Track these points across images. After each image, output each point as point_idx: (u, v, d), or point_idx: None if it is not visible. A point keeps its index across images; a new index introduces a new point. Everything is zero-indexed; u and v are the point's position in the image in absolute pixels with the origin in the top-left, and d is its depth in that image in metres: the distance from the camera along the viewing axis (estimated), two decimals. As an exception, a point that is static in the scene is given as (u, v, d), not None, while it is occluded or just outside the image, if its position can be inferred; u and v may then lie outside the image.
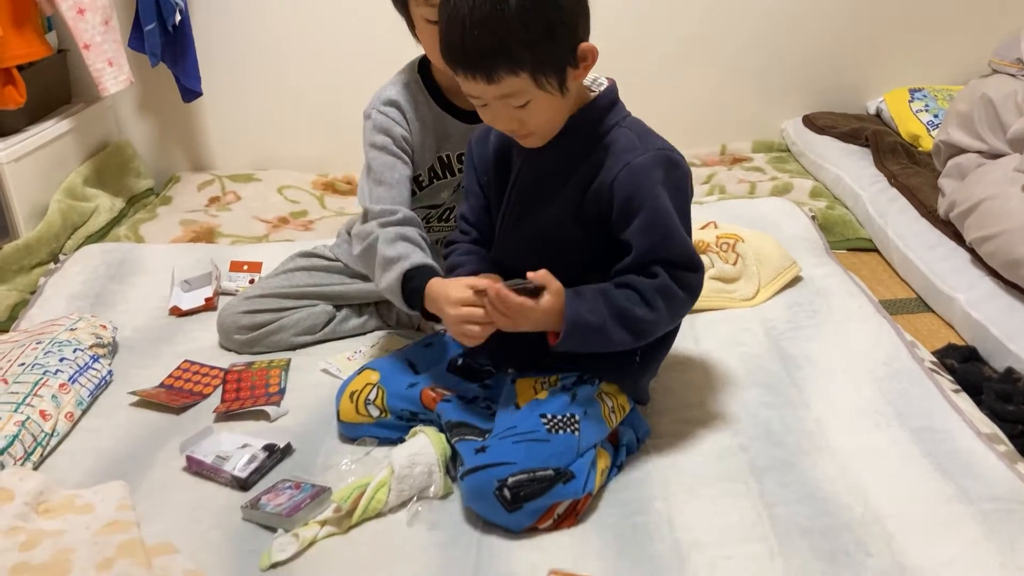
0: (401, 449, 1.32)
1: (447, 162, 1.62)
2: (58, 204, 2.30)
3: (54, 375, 1.53)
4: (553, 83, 1.19)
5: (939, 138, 2.24)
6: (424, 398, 1.39)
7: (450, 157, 1.61)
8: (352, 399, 1.42)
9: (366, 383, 1.43)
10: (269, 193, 2.67)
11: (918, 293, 2.05)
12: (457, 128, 1.59)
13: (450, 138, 1.59)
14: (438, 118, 1.58)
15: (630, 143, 1.25)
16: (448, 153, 1.61)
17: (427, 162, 1.60)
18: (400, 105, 1.55)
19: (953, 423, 1.39)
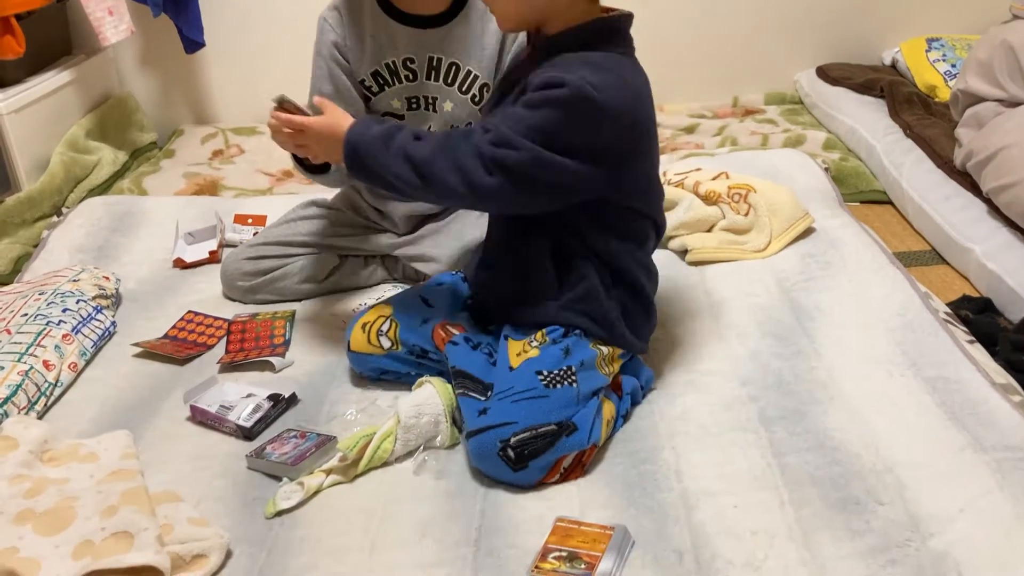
0: (407, 399, 1.31)
1: (394, 68, 1.57)
2: (60, 156, 2.28)
3: (57, 325, 1.52)
4: None
5: (957, 87, 2.20)
6: (435, 336, 1.38)
7: (395, 63, 1.56)
8: (364, 329, 1.41)
9: (379, 315, 1.42)
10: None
11: (933, 245, 2.02)
12: (402, 33, 1.54)
13: (395, 44, 1.55)
14: (380, 23, 1.54)
15: (564, 69, 1.18)
16: (393, 59, 1.56)
17: (368, 67, 1.56)
18: (339, 8, 1.55)
19: (967, 373, 1.37)
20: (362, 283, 1.78)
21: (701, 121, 2.77)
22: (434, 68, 1.57)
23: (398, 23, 1.55)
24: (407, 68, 1.57)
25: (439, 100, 1.60)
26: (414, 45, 1.55)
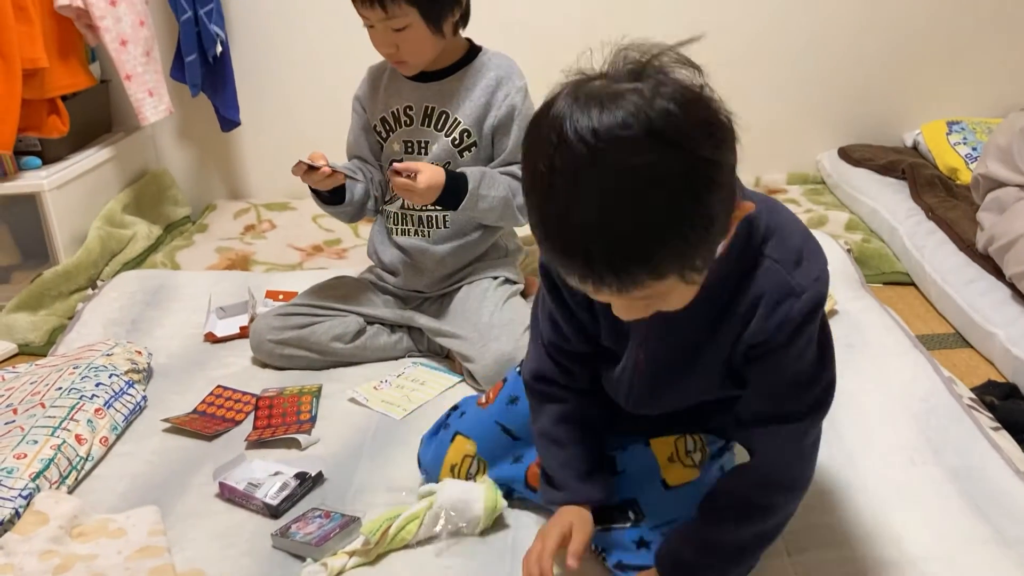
0: (452, 489, 1.28)
1: (397, 115, 1.77)
2: (97, 231, 2.34)
3: (90, 400, 1.55)
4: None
5: (978, 171, 2.22)
6: (529, 474, 1.29)
7: (399, 111, 1.77)
8: (454, 473, 1.34)
9: (464, 455, 1.34)
10: (304, 221, 2.70)
11: (956, 328, 2.02)
12: (407, 86, 1.76)
13: (401, 94, 1.77)
14: (393, 78, 1.78)
15: (780, 283, 0.98)
16: (397, 107, 1.77)
17: (379, 115, 1.79)
18: (372, 70, 1.84)
19: (992, 462, 1.36)
20: (388, 352, 1.82)
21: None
22: (428, 115, 1.75)
23: (406, 78, 1.75)
24: (406, 115, 1.76)
25: (429, 143, 1.75)
26: (415, 95, 1.75)
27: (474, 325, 1.71)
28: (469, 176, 1.65)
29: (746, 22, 2.81)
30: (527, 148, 0.86)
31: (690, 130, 0.80)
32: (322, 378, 1.74)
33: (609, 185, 0.79)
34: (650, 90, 0.80)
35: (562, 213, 0.81)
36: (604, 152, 0.78)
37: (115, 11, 2.32)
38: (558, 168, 0.80)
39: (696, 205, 0.80)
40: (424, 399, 1.66)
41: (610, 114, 0.79)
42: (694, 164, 0.80)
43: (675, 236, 0.80)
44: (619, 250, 0.80)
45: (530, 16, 2.75)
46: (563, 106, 0.81)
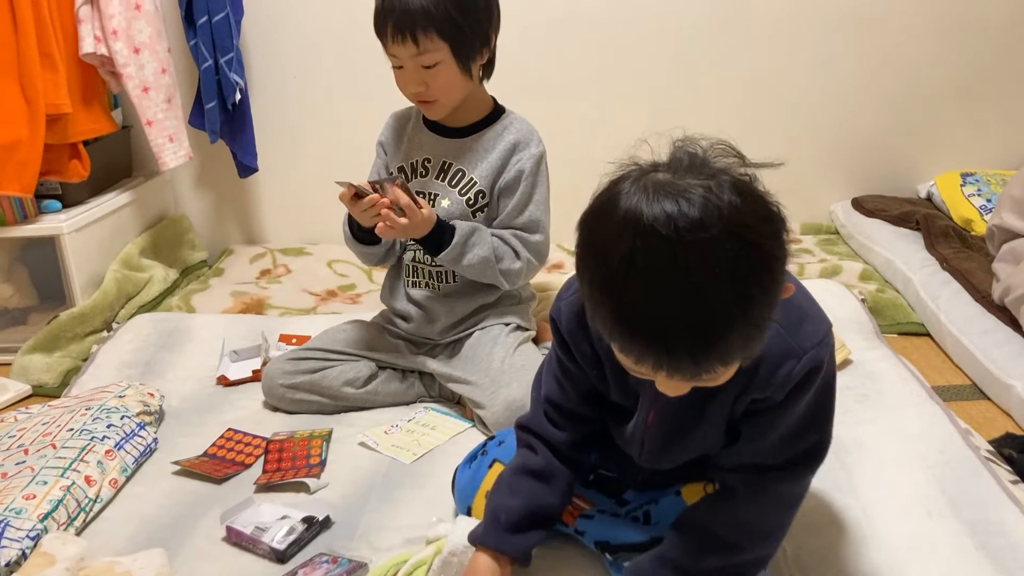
0: (458, 533, 1.26)
1: (415, 166, 1.78)
2: (114, 274, 2.36)
3: (101, 441, 1.55)
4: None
5: (992, 222, 2.21)
6: (564, 512, 1.28)
7: (417, 162, 1.78)
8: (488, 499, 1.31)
9: None
10: (319, 267, 2.72)
11: (973, 379, 2.00)
12: (429, 138, 1.78)
13: (422, 146, 1.78)
14: (416, 129, 1.80)
15: (781, 345, 1.01)
16: (416, 158, 1.78)
17: (398, 163, 1.80)
18: (397, 116, 1.85)
19: (1009, 515, 1.34)
20: (399, 397, 1.82)
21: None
22: (443, 170, 1.75)
23: (429, 131, 1.78)
24: (423, 166, 1.78)
25: (439, 197, 1.75)
26: (435, 149, 1.77)
27: (485, 371, 1.71)
28: (458, 229, 1.66)
29: (761, 74, 2.84)
30: (594, 239, 0.88)
31: (759, 226, 0.84)
32: (333, 422, 1.74)
33: (692, 282, 0.81)
34: (717, 186, 0.83)
35: (643, 308, 0.83)
36: (686, 250, 0.81)
37: (138, 59, 2.37)
38: (638, 265, 0.82)
39: (767, 296, 0.84)
40: (434, 444, 1.66)
41: (686, 211, 0.81)
42: (764, 259, 0.84)
43: (750, 327, 0.84)
44: (701, 344, 0.84)
45: (547, 71, 2.79)
46: (636, 201, 0.84)
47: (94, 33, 2.29)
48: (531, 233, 1.73)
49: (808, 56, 2.83)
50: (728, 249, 0.81)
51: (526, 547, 1.20)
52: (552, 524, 1.25)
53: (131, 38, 2.34)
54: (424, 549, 1.29)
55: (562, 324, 1.14)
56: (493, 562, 1.17)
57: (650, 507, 1.25)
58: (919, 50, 2.82)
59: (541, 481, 1.21)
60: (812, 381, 1.03)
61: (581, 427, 1.22)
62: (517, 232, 1.73)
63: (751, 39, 2.80)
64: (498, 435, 1.43)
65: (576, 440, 1.22)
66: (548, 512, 1.22)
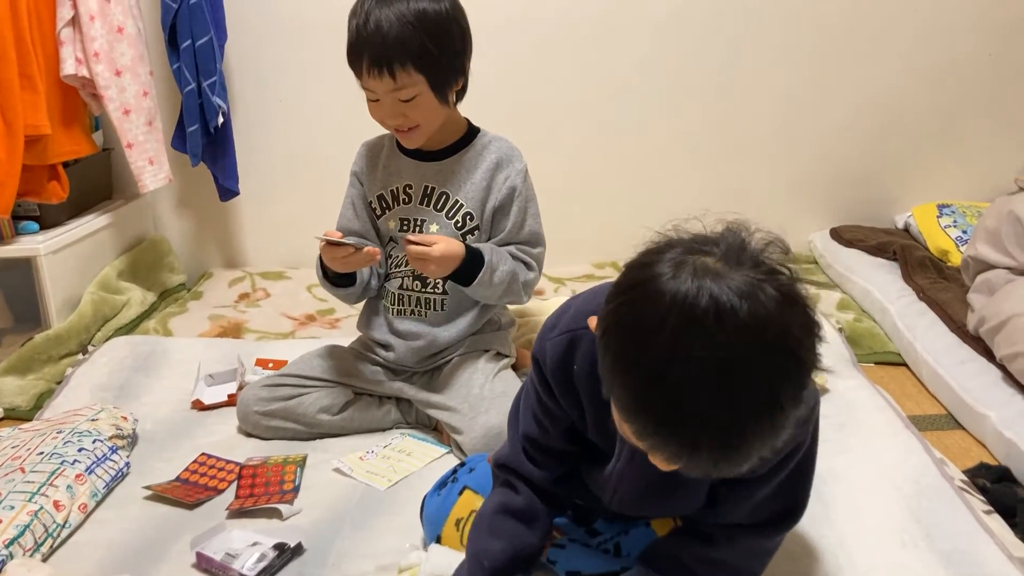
0: (437, 559, 1.25)
1: (395, 193, 1.77)
2: (91, 296, 2.35)
3: (71, 465, 1.53)
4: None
5: (967, 253, 2.24)
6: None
7: (397, 189, 1.77)
8: (458, 527, 1.31)
9: (471, 510, 1.30)
10: (298, 291, 2.71)
11: (948, 409, 2.01)
12: (407, 164, 1.76)
13: (400, 173, 1.77)
14: (392, 155, 1.78)
15: None
16: (396, 186, 1.77)
17: (376, 191, 1.78)
18: (369, 145, 1.83)
19: (983, 546, 1.34)
20: (376, 423, 1.81)
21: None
22: (427, 195, 1.74)
23: (405, 156, 1.76)
24: (405, 193, 1.76)
25: (427, 222, 1.74)
26: (415, 174, 1.75)
27: (464, 397, 1.70)
28: (483, 250, 1.66)
29: (741, 107, 2.87)
30: (632, 317, 0.83)
31: (802, 337, 0.81)
32: (307, 448, 1.73)
33: (732, 388, 0.79)
34: (769, 287, 0.80)
35: (675, 407, 0.80)
36: (731, 354, 0.78)
37: (119, 81, 2.36)
38: (679, 360, 0.79)
39: (794, 407, 0.82)
40: (410, 470, 1.64)
41: (738, 309, 0.78)
42: (801, 371, 0.81)
43: (773, 437, 0.82)
44: (726, 451, 0.81)
45: (527, 93, 2.81)
46: (685, 288, 0.79)
47: (75, 55, 2.29)
48: (533, 246, 1.75)
49: (788, 88, 2.86)
50: (772, 358, 0.79)
51: None
52: (534, 565, 1.23)
53: (113, 61, 2.34)
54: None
55: (546, 366, 1.12)
56: None
57: (620, 539, 1.25)
58: (898, 87, 2.86)
59: (523, 522, 1.19)
60: (794, 457, 1.04)
61: (561, 464, 1.21)
62: (521, 247, 1.73)
63: (733, 71, 2.83)
64: (468, 461, 1.42)
65: (556, 477, 1.20)
66: (530, 553, 1.20)
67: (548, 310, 2.14)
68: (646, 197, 2.95)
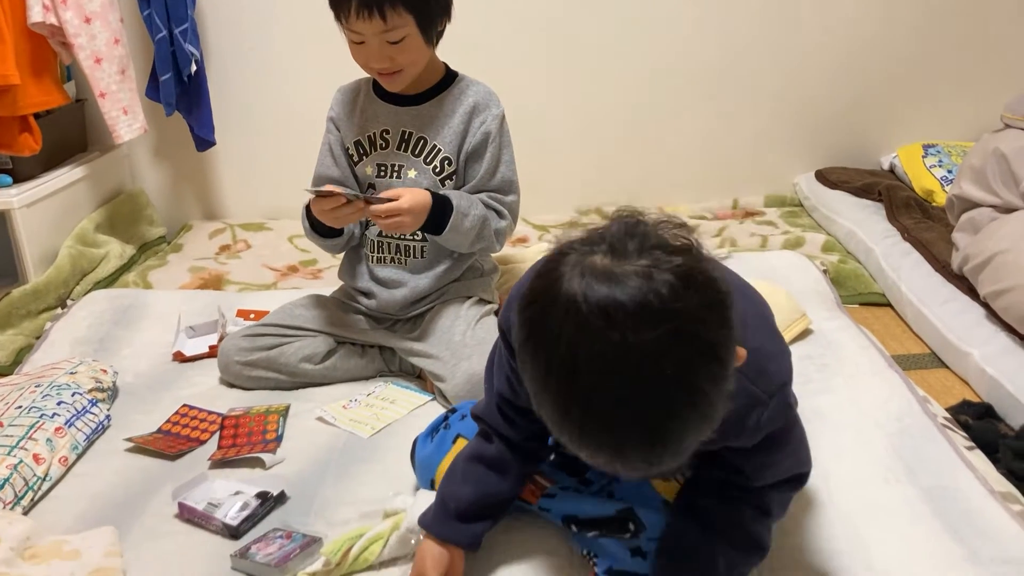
0: (421, 505, 1.24)
1: (373, 139, 1.74)
2: (68, 250, 2.31)
3: (51, 418, 1.52)
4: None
5: (952, 192, 2.22)
6: (526, 491, 1.27)
7: (375, 135, 1.73)
8: None
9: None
10: (279, 242, 2.68)
11: (932, 348, 2.01)
12: (383, 109, 1.73)
13: (377, 118, 1.73)
14: (368, 101, 1.75)
15: (746, 394, 0.96)
16: (373, 131, 1.73)
17: (353, 137, 1.75)
18: (345, 90, 1.80)
19: (966, 481, 1.34)
20: (358, 372, 1.79)
21: (701, 222, 2.80)
22: (404, 140, 1.72)
23: (382, 101, 1.73)
24: (382, 139, 1.73)
25: (404, 168, 1.72)
26: (391, 119, 1.72)
27: (446, 344, 1.69)
28: (451, 196, 1.64)
29: (724, 48, 2.83)
30: (535, 331, 0.81)
31: (703, 316, 0.78)
32: (290, 398, 1.71)
33: (638, 385, 0.76)
34: (660, 273, 0.77)
35: (590, 415, 0.78)
36: (628, 351, 0.75)
37: (89, 29, 2.30)
38: (582, 369, 0.77)
39: (717, 387, 0.79)
40: (393, 418, 1.64)
41: (625, 303, 0.76)
42: (711, 350, 0.78)
43: (703, 421, 0.79)
44: (654, 448, 0.79)
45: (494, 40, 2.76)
46: (575, 291, 0.77)
47: (43, 1, 2.22)
48: (506, 194, 1.72)
49: (773, 30, 2.81)
50: (674, 346, 0.76)
51: (474, 535, 1.19)
52: (503, 513, 1.24)
53: (81, 7, 2.28)
54: (380, 523, 1.27)
55: (512, 337, 1.11)
56: (441, 549, 1.17)
57: (613, 486, 1.23)
58: (882, 26, 2.83)
59: (494, 471, 1.20)
60: (783, 421, 1.03)
61: (535, 423, 1.19)
62: (492, 194, 1.71)
63: (715, 14, 2.79)
64: (460, 408, 1.41)
65: (531, 434, 1.19)
66: (498, 501, 1.21)
67: (532, 257, 2.12)
68: (629, 145, 2.92)
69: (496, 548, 1.25)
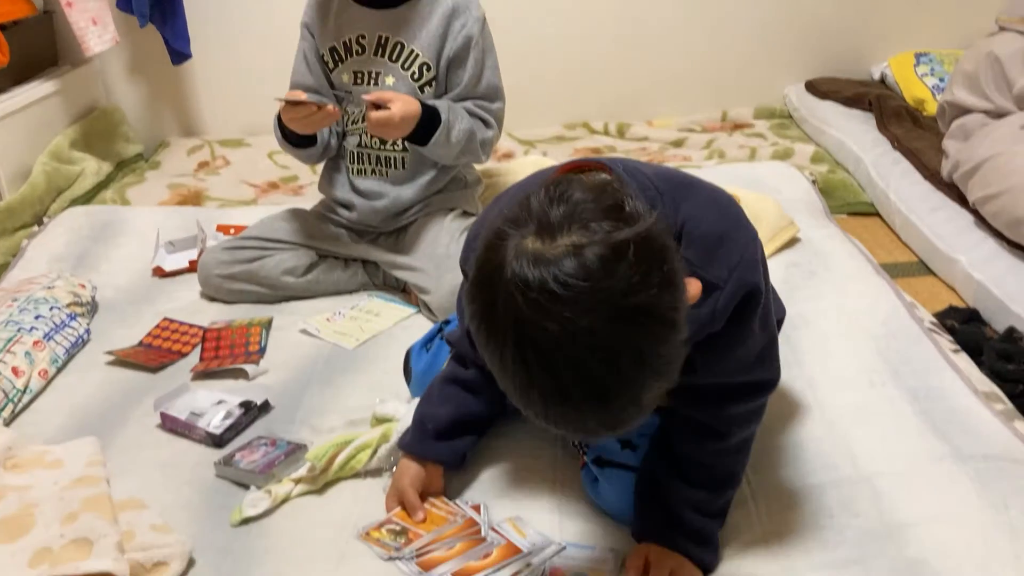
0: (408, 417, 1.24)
1: (348, 45, 1.68)
2: (43, 166, 2.27)
3: (28, 332, 1.50)
4: None
5: (944, 99, 2.19)
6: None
7: (350, 40, 1.68)
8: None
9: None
10: (259, 158, 2.63)
11: (920, 257, 2.01)
12: (359, 13, 1.67)
13: (352, 23, 1.67)
14: (343, 5, 1.68)
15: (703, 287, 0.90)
16: (349, 37, 1.68)
17: (328, 44, 1.69)
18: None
19: (950, 382, 1.34)
20: (342, 286, 1.78)
21: (690, 135, 2.76)
22: (381, 45, 1.66)
23: (357, 5, 1.67)
24: (358, 44, 1.67)
25: (382, 74, 1.67)
26: (367, 24, 1.66)
27: (430, 257, 1.67)
28: (439, 107, 1.59)
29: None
30: (482, 314, 0.80)
31: (640, 283, 0.75)
32: (273, 311, 1.70)
33: (585, 362, 0.75)
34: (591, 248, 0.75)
35: (541, 394, 0.78)
36: (575, 341, 0.74)
37: (54, -66, 2.22)
38: (531, 359, 0.76)
39: (666, 342, 0.78)
40: (378, 330, 1.62)
41: (555, 289, 0.74)
42: (653, 314, 0.76)
43: (659, 377, 0.78)
44: (610, 416, 0.79)
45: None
46: (511, 275, 0.76)
47: (3, -95, 2.13)
48: (492, 101, 1.68)
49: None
50: (611, 325, 0.74)
51: (454, 453, 1.20)
52: (482, 431, 1.24)
53: (44, -89, 2.19)
54: (369, 432, 1.27)
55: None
56: (418, 467, 1.17)
57: None
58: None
59: (470, 392, 1.20)
60: (748, 305, 0.97)
61: None
62: (478, 102, 1.67)
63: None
64: (453, 320, 1.40)
65: None
66: (476, 419, 1.22)
67: (517, 170, 2.09)
68: (616, 56, 2.86)
69: (480, 455, 1.25)
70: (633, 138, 2.79)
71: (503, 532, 1.11)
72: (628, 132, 2.83)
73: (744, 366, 1.04)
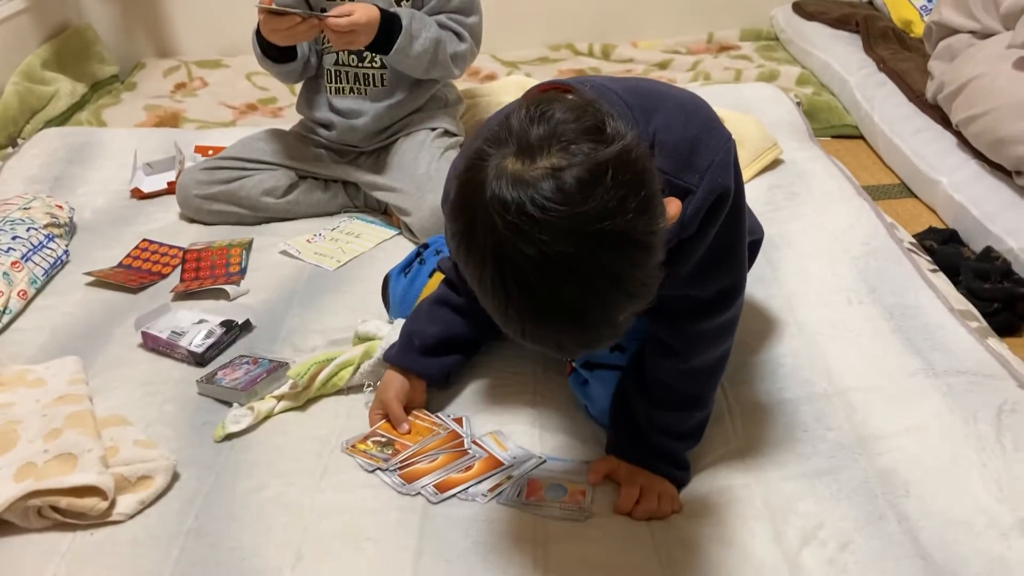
0: (398, 334, 1.24)
1: None
2: (15, 87, 2.22)
3: (6, 253, 1.49)
4: None
5: (931, 19, 2.17)
6: None
7: None
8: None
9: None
10: (237, 79, 2.59)
11: (902, 179, 2.01)
12: None
13: None
14: None
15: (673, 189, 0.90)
16: None
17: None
18: None
19: (926, 299, 1.36)
20: (322, 207, 1.77)
21: (675, 57, 2.73)
22: None
23: None
24: None
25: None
26: None
27: (411, 177, 1.65)
28: (401, 15, 1.56)
29: None
30: (461, 235, 0.80)
31: (617, 209, 0.75)
32: (253, 232, 1.69)
33: (561, 285, 0.76)
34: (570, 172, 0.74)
35: (519, 314, 0.78)
36: (552, 264, 0.74)
37: None
38: (509, 281, 0.76)
39: (642, 266, 0.78)
40: (359, 251, 1.62)
41: (534, 212, 0.74)
42: (629, 240, 0.76)
43: (634, 298, 0.79)
44: (587, 335, 0.80)
45: None
46: (490, 196, 0.75)
47: None
48: (467, 15, 1.65)
49: None
50: (589, 249, 0.74)
51: (440, 369, 1.21)
52: (468, 354, 1.25)
53: None
54: (351, 349, 1.27)
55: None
56: (403, 379, 1.19)
57: None
58: None
59: (459, 314, 1.21)
60: (720, 207, 0.97)
61: None
62: (452, 15, 1.64)
63: None
64: (432, 243, 1.39)
65: None
66: (463, 340, 1.23)
67: (499, 91, 2.06)
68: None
69: (463, 371, 1.26)
70: (618, 59, 2.76)
71: (484, 445, 1.13)
72: (613, 54, 2.79)
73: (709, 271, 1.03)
